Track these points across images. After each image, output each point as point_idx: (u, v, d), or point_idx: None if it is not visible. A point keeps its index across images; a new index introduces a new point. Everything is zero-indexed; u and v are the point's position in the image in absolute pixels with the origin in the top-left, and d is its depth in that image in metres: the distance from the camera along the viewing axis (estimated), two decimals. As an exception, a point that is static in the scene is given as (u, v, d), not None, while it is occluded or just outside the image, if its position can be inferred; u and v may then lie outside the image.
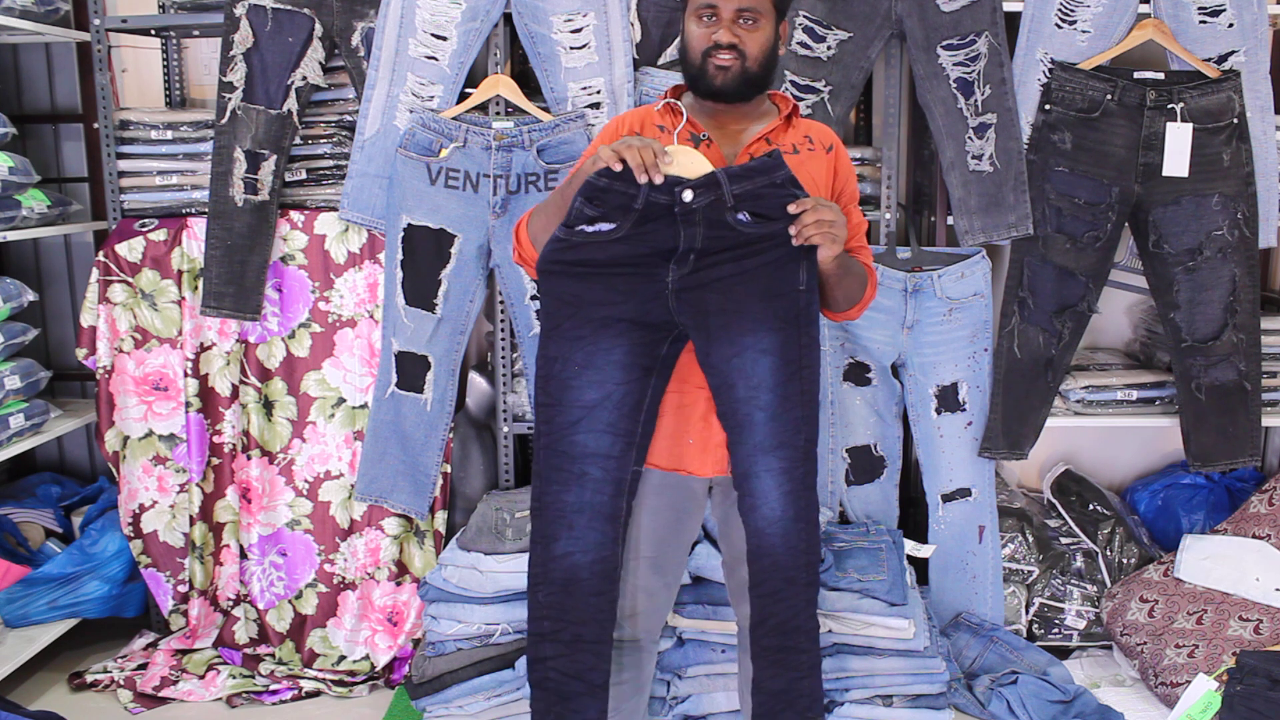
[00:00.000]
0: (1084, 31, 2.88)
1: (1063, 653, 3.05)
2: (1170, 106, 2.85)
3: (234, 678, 2.93)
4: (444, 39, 2.86)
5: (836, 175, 2.10)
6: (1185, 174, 2.86)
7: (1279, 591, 2.82)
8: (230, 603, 3.12)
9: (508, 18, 2.88)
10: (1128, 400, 3.10)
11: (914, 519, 3.20)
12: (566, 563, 2.03)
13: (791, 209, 1.89)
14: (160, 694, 2.87)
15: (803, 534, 1.99)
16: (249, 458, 3.06)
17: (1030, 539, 3.12)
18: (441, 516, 3.07)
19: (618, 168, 1.85)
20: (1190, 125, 2.84)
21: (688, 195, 1.87)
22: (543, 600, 2.06)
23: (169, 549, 3.12)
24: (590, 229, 1.90)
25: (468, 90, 2.90)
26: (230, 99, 2.88)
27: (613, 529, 2.03)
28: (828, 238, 1.89)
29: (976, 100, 2.88)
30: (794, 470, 1.98)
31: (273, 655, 3.04)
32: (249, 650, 3.05)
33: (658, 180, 1.86)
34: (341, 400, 3.04)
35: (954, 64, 2.87)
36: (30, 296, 3.03)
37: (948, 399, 2.99)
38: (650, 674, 2.29)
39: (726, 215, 1.89)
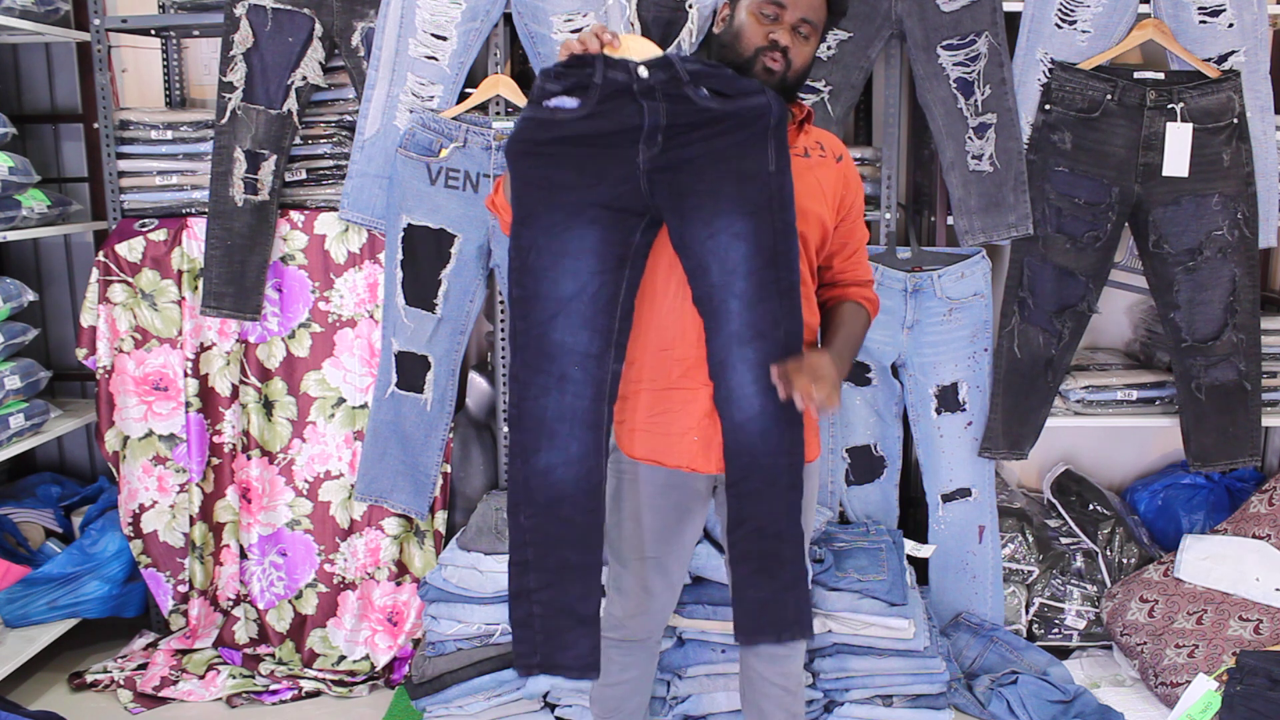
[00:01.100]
0: (1084, 31, 2.88)
1: (1063, 653, 3.05)
2: (1170, 106, 2.85)
3: (234, 678, 2.94)
4: (444, 39, 2.86)
5: (847, 186, 2.10)
6: (1185, 174, 2.86)
7: (1279, 591, 2.83)
8: (230, 603, 3.12)
9: (508, 18, 2.88)
10: (1128, 400, 3.10)
11: (914, 519, 3.20)
12: (550, 478, 1.95)
13: (776, 379, 1.87)
14: (160, 694, 2.87)
15: (784, 434, 1.93)
16: (249, 458, 3.07)
17: (1030, 539, 3.12)
18: (441, 516, 3.07)
19: (575, 50, 1.89)
20: (1190, 125, 2.84)
21: (643, 71, 1.87)
22: (525, 524, 1.96)
23: (169, 549, 3.12)
24: (554, 104, 1.89)
25: (468, 90, 2.90)
26: (230, 99, 2.88)
27: (595, 438, 1.95)
28: (826, 390, 1.86)
29: (976, 100, 2.88)
30: (772, 364, 1.92)
31: (273, 655, 3.04)
32: (249, 650, 3.05)
33: (599, 48, 1.88)
34: (341, 400, 3.04)
35: (954, 64, 2.87)
36: (30, 296, 3.03)
37: (948, 399, 2.99)
38: (652, 674, 2.29)
39: (686, 90, 1.87)
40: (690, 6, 2.83)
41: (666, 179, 1.91)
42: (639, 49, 1.92)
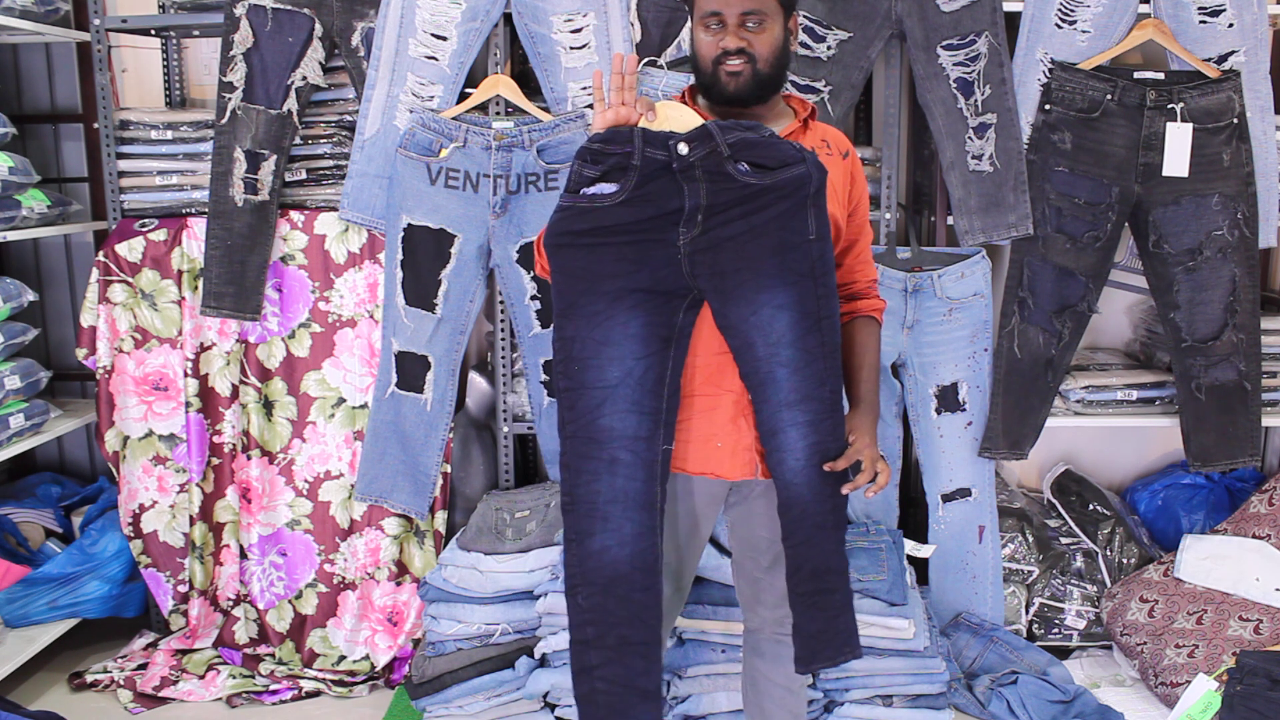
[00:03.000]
0: (1084, 31, 2.89)
1: (1063, 653, 3.05)
2: (1170, 106, 2.85)
3: (234, 678, 2.94)
4: (444, 39, 2.86)
5: (854, 182, 2.09)
6: (1185, 174, 2.86)
7: (1279, 591, 2.83)
8: (230, 603, 3.12)
9: (508, 18, 2.88)
10: (1128, 400, 3.10)
11: (914, 519, 3.20)
12: (605, 559, 1.96)
13: (846, 490, 1.95)
14: (160, 694, 2.87)
15: (830, 481, 1.96)
16: (249, 458, 3.06)
17: (1030, 539, 3.12)
18: (441, 516, 3.07)
19: (610, 121, 1.88)
20: (1190, 125, 2.84)
21: (683, 148, 1.85)
22: (583, 604, 1.98)
23: (169, 549, 3.12)
24: (592, 191, 1.88)
25: (468, 90, 2.90)
26: (230, 99, 2.88)
27: (649, 518, 1.96)
28: (885, 476, 1.96)
29: (976, 100, 2.88)
30: (820, 423, 1.94)
31: (273, 655, 3.04)
32: (249, 650, 3.05)
33: (637, 120, 1.87)
34: (341, 400, 3.04)
35: (954, 64, 2.87)
36: (30, 296, 3.03)
37: (948, 399, 2.99)
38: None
39: (726, 166, 1.86)
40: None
41: (708, 259, 1.90)
42: (676, 118, 1.89)
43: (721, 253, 1.89)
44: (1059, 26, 2.89)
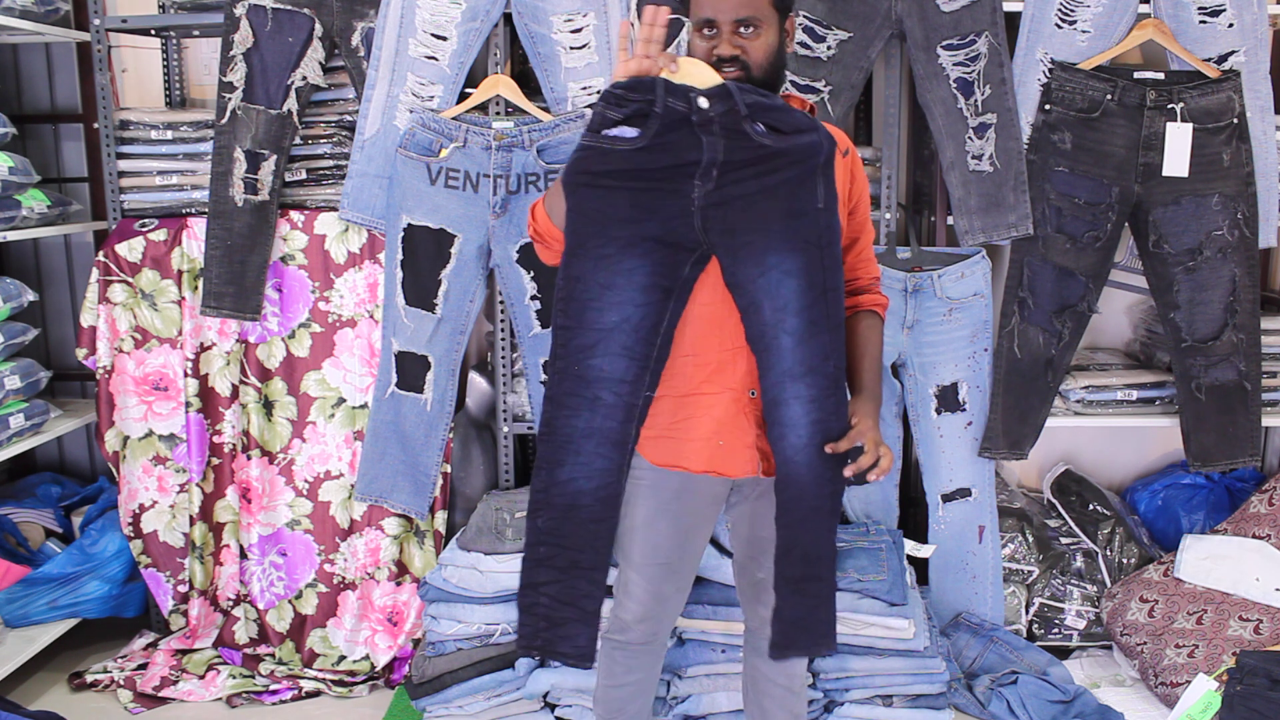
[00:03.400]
0: (1084, 31, 2.89)
1: (1063, 653, 3.05)
2: (1170, 106, 2.85)
3: (234, 678, 2.94)
4: (444, 39, 2.86)
5: (854, 180, 2.10)
6: (1185, 174, 2.86)
7: (1279, 591, 2.83)
8: (230, 603, 3.12)
9: (508, 18, 2.89)
10: (1128, 400, 3.10)
11: (914, 519, 3.20)
12: (570, 489, 2.00)
13: (848, 473, 1.94)
14: (160, 694, 2.87)
15: (829, 463, 1.96)
16: (249, 458, 3.07)
17: (1030, 539, 3.12)
18: (441, 516, 3.07)
19: (633, 71, 1.89)
20: (1190, 125, 2.84)
21: (703, 102, 1.87)
22: (541, 526, 2.03)
23: (169, 549, 3.12)
24: (614, 133, 1.90)
25: (468, 90, 2.90)
26: (230, 99, 2.88)
27: (619, 455, 2.00)
28: (887, 461, 1.95)
29: (976, 100, 2.88)
30: (824, 399, 1.95)
31: (273, 655, 3.04)
32: (249, 650, 3.05)
33: (659, 71, 1.88)
34: (341, 400, 3.04)
35: (954, 64, 2.87)
36: (30, 296, 3.03)
37: (948, 399, 2.99)
38: (657, 676, 2.28)
39: (743, 125, 1.88)
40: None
41: (719, 215, 1.91)
42: (696, 74, 1.91)
43: (733, 210, 1.91)
44: (1059, 26, 2.89)
